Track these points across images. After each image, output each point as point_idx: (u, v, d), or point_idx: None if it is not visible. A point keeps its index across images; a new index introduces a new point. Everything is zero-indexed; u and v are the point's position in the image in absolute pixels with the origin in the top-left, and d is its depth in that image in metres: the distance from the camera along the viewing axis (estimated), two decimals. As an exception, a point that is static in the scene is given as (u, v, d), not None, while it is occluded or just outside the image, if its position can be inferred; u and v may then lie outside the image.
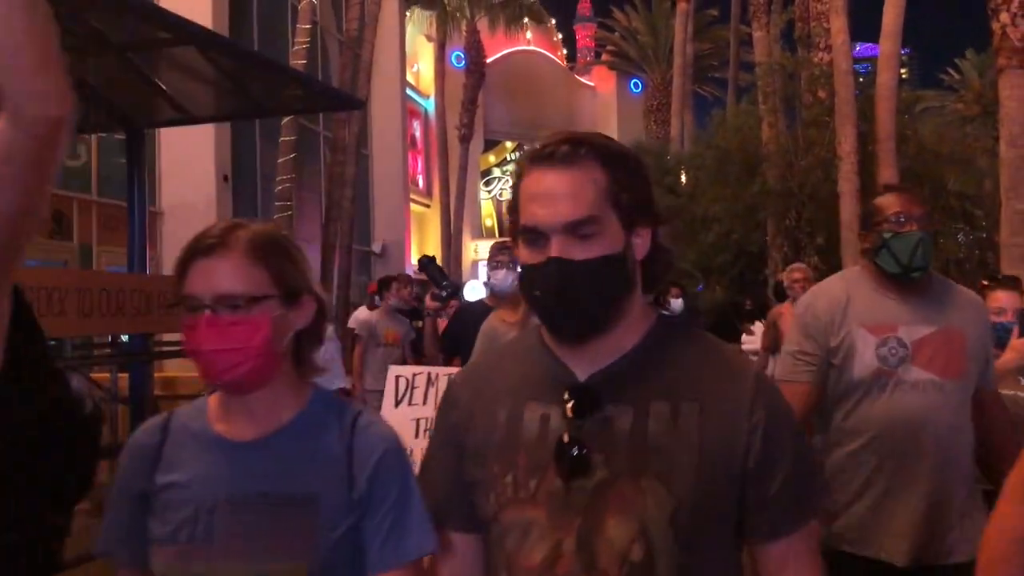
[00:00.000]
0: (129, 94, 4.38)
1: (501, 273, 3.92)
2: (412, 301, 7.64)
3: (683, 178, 16.01)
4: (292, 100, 5.08)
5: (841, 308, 2.31)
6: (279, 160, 13.84)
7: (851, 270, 2.54)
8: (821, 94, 12.28)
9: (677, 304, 5.22)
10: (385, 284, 7.14)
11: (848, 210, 10.22)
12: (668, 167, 16.18)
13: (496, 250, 4.01)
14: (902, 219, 2.28)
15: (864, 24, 14.79)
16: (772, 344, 5.99)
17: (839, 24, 10.73)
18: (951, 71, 39.57)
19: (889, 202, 2.37)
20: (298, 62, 13.89)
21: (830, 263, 11.10)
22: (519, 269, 1.31)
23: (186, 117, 4.60)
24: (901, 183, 10.29)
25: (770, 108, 12.47)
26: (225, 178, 12.57)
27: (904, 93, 12.70)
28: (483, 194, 30.48)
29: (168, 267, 11.97)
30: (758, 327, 8.59)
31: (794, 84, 12.83)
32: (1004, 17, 7.62)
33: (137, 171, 4.44)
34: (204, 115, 4.67)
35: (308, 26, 13.91)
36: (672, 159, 16.37)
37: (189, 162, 11.94)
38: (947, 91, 37.57)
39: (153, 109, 4.67)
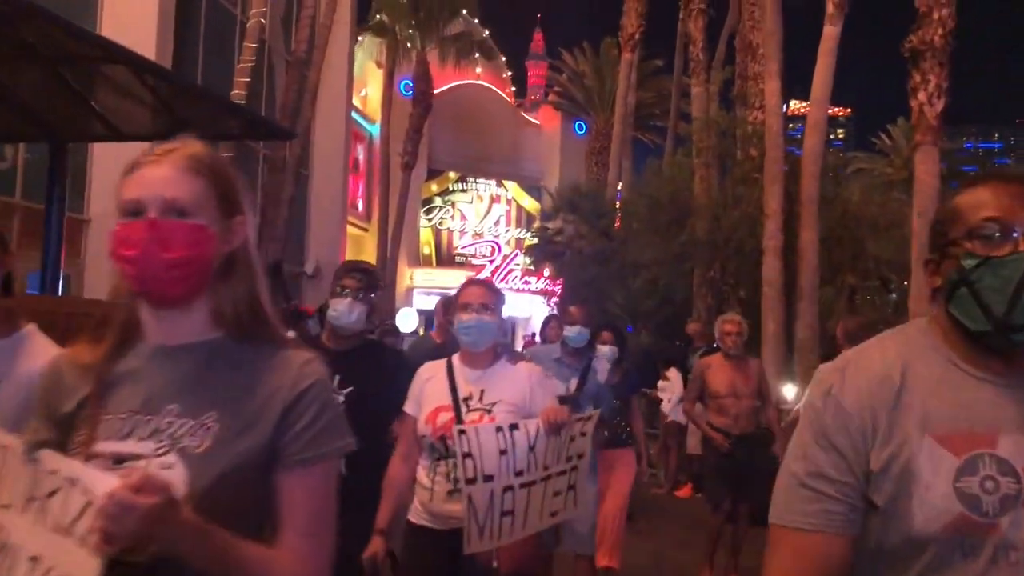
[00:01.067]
0: (57, 108, 4.34)
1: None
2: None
3: (618, 222, 16.33)
4: (225, 128, 5.10)
5: (891, 397, 1.30)
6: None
7: (912, 324, 1.43)
8: (753, 152, 12.69)
9: (607, 351, 5.30)
10: (324, 310, 6.73)
11: (771, 267, 10.55)
12: (604, 211, 16.50)
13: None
14: (998, 231, 1.25)
15: (803, 85, 15.34)
16: (695, 395, 6.07)
17: (773, 87, 11.12)
18: (883, 136, 41.13)
19: (979, 199, 1.30)
20: (243, 79, 13.83)
21: (750, 317, 11.41)
22: None
23: (113, 135, 4.58)
24: (823, 243, 10.69)
25: (703, 162, 12.84)
26: (157, 190, 12.38)
27: (831, 156, 13.19)
28: (423, 222, 30.50)
29: (93, 274, 11.76)
30: (673, 373, 8.79)
31: (727, 140, 13.23)
32: (922, 96, 8.04)
33: (57, 185, 4.40)
34: (132, 133, 4.64)
35: (255, 45, 13.88)
36: (607, 203, 16.69)
37: (121, 170, 11.73)
38: (879, 155, 39.02)
39: (80, 124, 4.63)
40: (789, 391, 8.70)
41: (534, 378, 3.11)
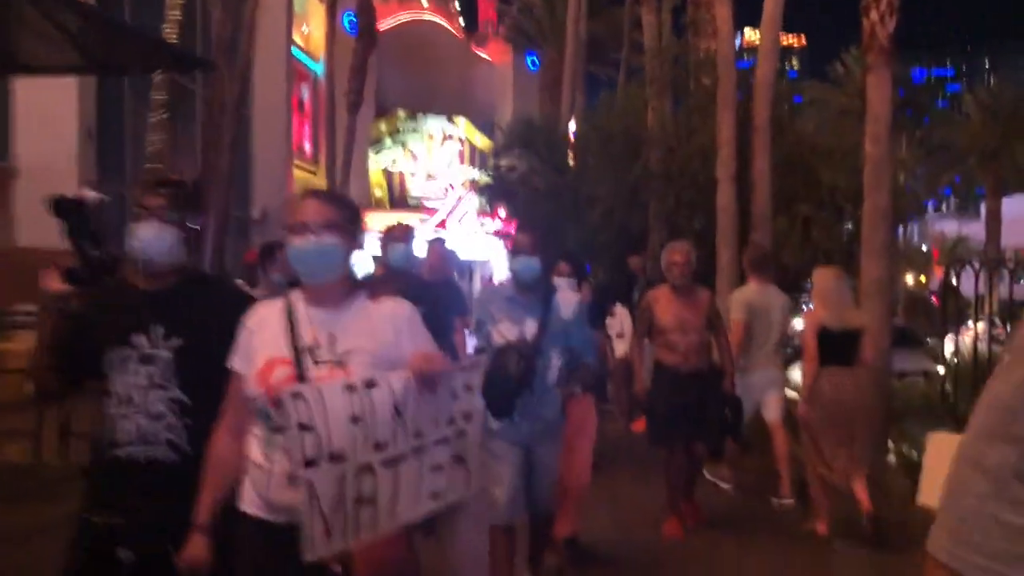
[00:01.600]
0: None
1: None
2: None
3: (571, 157, 16.02)
4: (132, 58, 4.70)
5: None
6: (150, 119, 13.08)
7: None
8: (705, 81, 12.43)
9: (565, 284, 4.88)
10: (268, 252, 5.66)
11: (725, 194, 10.38)
12: (557, 145, 16.17)
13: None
14: None
15: (757, 12, 15.01)
16: (646, 330, 5.69)
17: (724, 13, 10.82)
18: (837, 64, 41.10)
19: None
20: (173, 14, 13.14)
21: (706, 248, 11.28)
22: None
23: (12, 67, 4.19)
24: (776, 172, 10.52)
25: (656, 92, 12.55)
26: (89, 133, 11.80)
27: (783, 84, 12.97)
28: (373, 163, 29.86)
29: (24, 225, 11.21)
30: (620, 309, 8.59)
31: (680, 69, 12.95)
32: (873, 15, 7.79)
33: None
34: (34, 66, 4.25)
35: (185, -23, 13.14)
36: (560, 138, 16.36)
37: (49, 115, 11.16)
38: (833, 85, 39.03)
39: (-26, 57, 4.24)
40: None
41: (401, 318, 2.39)
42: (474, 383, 2.44)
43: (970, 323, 6.88)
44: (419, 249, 6.34)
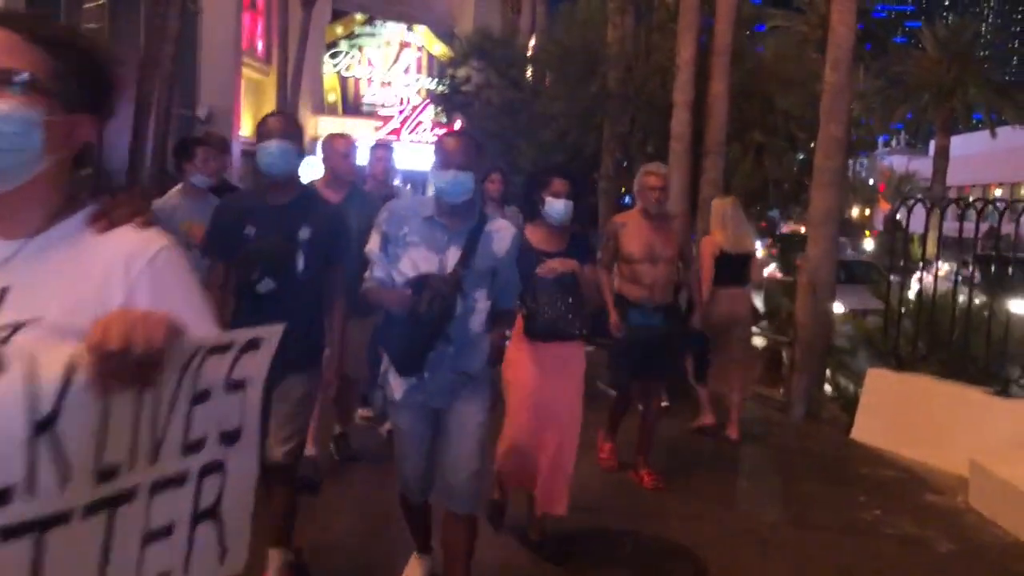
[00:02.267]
0: None
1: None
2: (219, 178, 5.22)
3: (528, 73, 15.70)
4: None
5: None
6: (85, 5, 12.44)
7: None
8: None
9: (560, 206, 4.02)
10: (184, 149, 4.95)
11: (680, 120, 10.26)
12: (514, 60, 15.80)
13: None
14: None
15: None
16: (610, 260, 5.19)
17: (692, -72, 10.51)
18: (802, -8, 40.63)
19: None
20: None
21: (658, 172, 11.22)
22: None
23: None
24: (732, 99, 10.42)
25: (617, 7, 12.23)
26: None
27: (747, 9, 12.75)
28: (328, 67, 28.99)
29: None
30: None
31: (644, -16, 12.62)
32: (843, -60, 7.63)
33: None
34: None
35: None
36: (518, 51, 15.98)
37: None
38: (796, 12, 38.64)
39: None
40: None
41: (141, 259, 1.27)
42: (253, 373, 1.23)
43: (940, 264, 7.01)
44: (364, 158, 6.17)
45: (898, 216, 8.73)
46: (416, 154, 22.19)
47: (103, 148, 13.84)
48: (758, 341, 9.41)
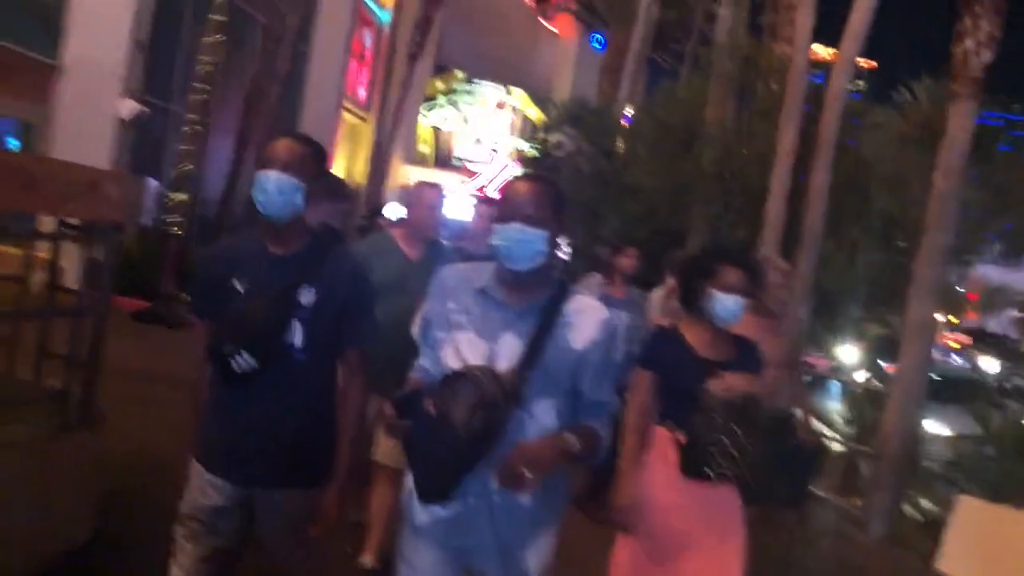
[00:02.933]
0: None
1: None
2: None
3: (621, 144, 15.65)
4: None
5: None
6: (204, 39, 12.89)
7: None
8: (774, 86, 11.99)
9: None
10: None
11: (775, 208, 10.01)
12: (609, 130, 15.79)
13: None
14: None
15: (835, 32, 14.48)
16: None
17: (804, 21, 10.41)
18: (904, 90, 40.13)
19: None
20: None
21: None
22: None
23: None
24: (831, 192, 10.12)
25: (720, 89, 12.11)
26: (139, 45, 11.61)
27: (854, 104, 12.49)
28: (424, 119, 29.58)
29: (65, 122, 11.07)
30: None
31: (749, 70, 12.48)
32: (969, 43, 7.38)
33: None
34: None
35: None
36: (613, 123, 15.97)
37: (102, 18, 10.98)
38: (895, 110, 38.11)
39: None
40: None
41: None
42: None
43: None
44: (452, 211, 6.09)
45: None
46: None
47: (203, 178, 14.24)
48: (836, 447, 8.95)
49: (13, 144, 10.65)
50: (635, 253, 5.87)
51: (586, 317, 2.39)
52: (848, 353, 17.06)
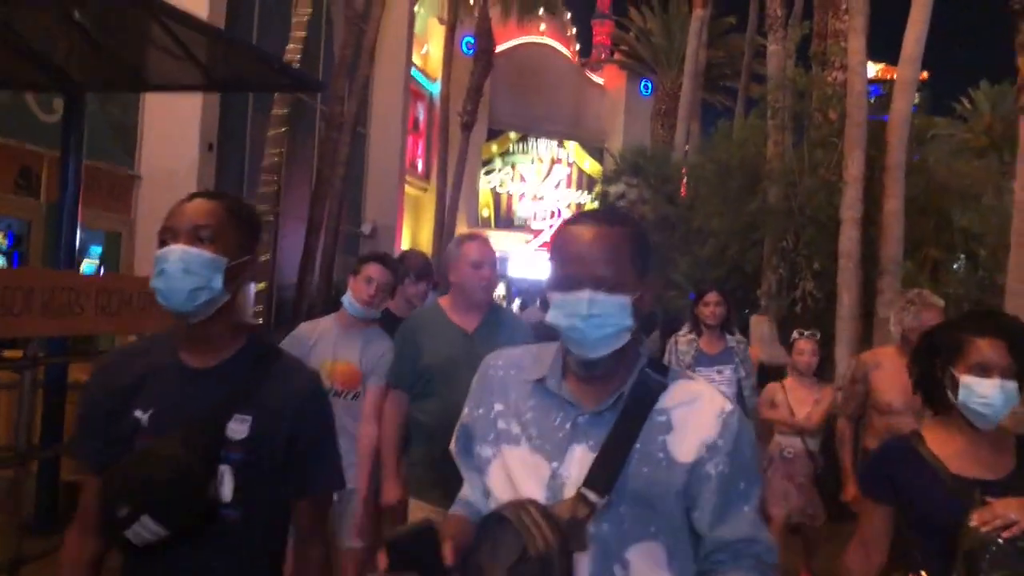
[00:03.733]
0: (71, 55, 3.98)
1: None
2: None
3: (683, 188, 15.63)
4: (248, 76, 4.69)
5: None
6: (269, 133, 13.40)
7: None
8: (831, 115, 11.87)
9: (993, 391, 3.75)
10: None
11: (849, 237, 9.85)
12: (669, 175, 15.80)
13: None
14: None
15: (880, 45, 14.33)
16: (858, 410, 4.43)
17: (857, 45, 10.33)
18: (963, 100, 39.25)
19: None
20: (298, 34, 13.47)
21: (825, 290, 10.73)
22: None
23: (137, 84, 4.22)
24: (905, 214, 9.94)
25: (778, 124, 12.04)
26: (210, 146, 12.13)
27: (917, 120, 12.28)
28: (483, 183, 30.07)
29: (144, 230, 11.60)
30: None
31: (804, 102, 12.40)
32: (1030, 53, 7.24)
33: (73, 135, 4.04)
34: (158, 84, 4.27)
35: (311, -3, 13.48)
36: (673, 167, 15.99)
37: (173, 126, 11.54)
38: (957, 120, 37.29)
39: (100, 73, 4.26)
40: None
41: None
42: None
43: None
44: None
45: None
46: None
47: (279, 266, 14.67)
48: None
49: (95, 252, 11.14)
50: (717, 299, 5.25)
51: (694, 411, 1.59)
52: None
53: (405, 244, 21.47)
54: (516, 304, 21.45)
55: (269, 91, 11.59)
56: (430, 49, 26.36)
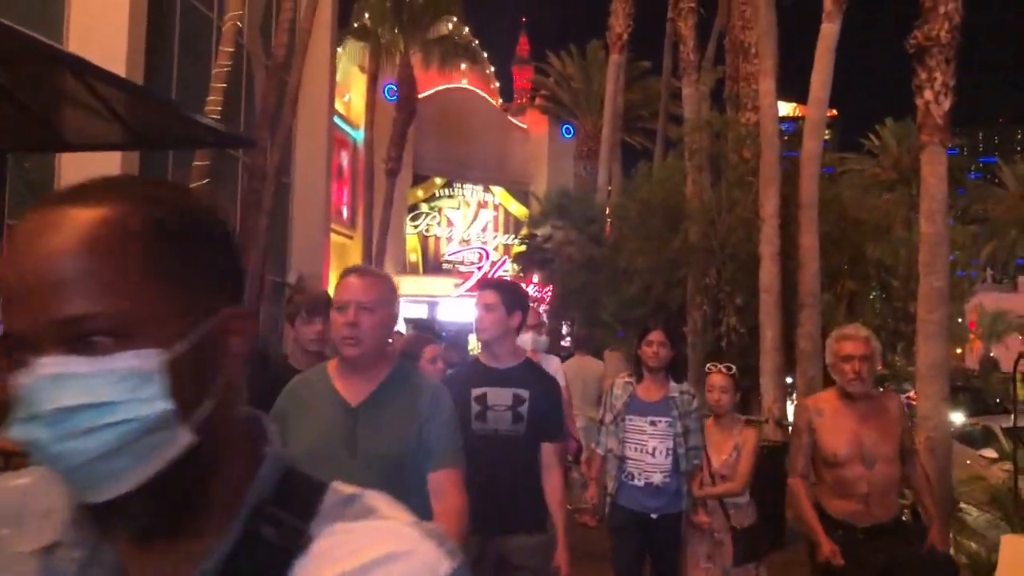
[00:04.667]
0: (-9, 115, 3.94)
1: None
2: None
3: (608, 228, 15.93)
4: (175, 136, 4.68)
5: None
6: (191, 185, 13.23)
7: None
8: (746, 154, 12.31)
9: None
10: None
11: (768, 272, 10.16)
12: (594, 216, 16.10)
13: None
14: None
15: (793, 84, 14.95)
16: (806, 464, 4.02)
17: (767, 87, 10.75)
18: (871, 136, 41.06)
19: None
20: (219, 85, 13.37)
21: (748, 324, 11.02)
22: None
23: (59, 144, 4.17)
24: (820, 248, 10.32)
25: (696, 164, 12.43)
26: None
27: (827, 156, 12.81)
28: (409, 229, 30.07)
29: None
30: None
31: (720, 142, 12.84)
32: (928, 94, 7.66)
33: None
34: (81, 143, 4.22)
35: (231, 49, 13.40)
36: (597, 208, 16.30)
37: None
38: (866, 155, 38.96)
39: (22, 132, 4.20)
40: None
41: None
42: None
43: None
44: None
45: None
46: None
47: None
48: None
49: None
50: (660, 339, 4.39)
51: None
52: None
53: (332, 291, 21.28)
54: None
55: (194, 148, 11.48)
56: (352, 97, 26.43)
